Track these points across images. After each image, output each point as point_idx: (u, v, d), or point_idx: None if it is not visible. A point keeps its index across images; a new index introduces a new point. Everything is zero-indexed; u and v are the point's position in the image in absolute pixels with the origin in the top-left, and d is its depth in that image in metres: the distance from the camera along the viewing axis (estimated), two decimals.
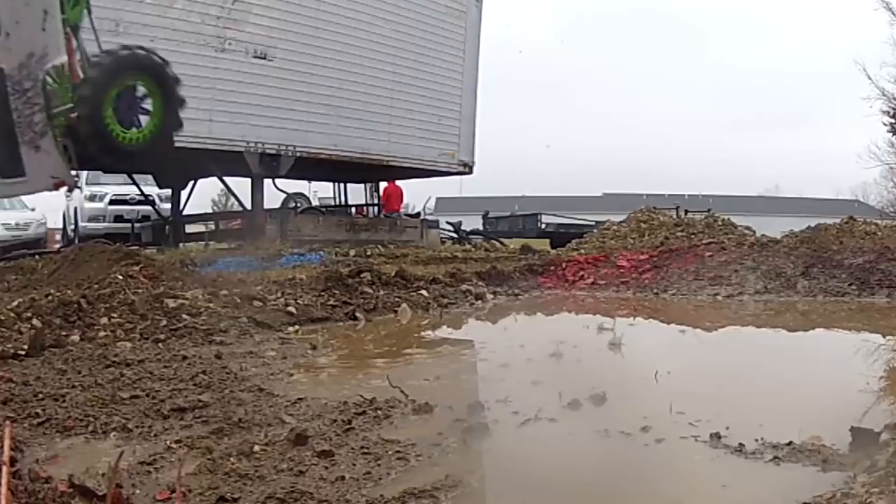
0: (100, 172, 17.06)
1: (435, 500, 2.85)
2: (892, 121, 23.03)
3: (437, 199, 30.38)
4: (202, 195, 19.17)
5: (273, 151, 13.78)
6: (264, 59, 13.53)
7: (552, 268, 11.34)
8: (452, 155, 16.72)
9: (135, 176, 16.35)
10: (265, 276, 9.11)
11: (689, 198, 35.94)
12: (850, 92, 34.03)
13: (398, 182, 18.68)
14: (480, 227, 22.08)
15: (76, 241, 15.30)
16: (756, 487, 2.93)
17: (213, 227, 17.01)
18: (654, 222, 14.81)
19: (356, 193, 18.99)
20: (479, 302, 9.10)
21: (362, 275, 9.07)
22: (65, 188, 6.18)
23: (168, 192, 16.58)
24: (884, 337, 6.57)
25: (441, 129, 16.41)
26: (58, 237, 20.34)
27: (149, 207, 16.84)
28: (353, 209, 18.77)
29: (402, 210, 19.29)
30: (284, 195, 16.92)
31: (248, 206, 14.61)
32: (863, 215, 15.42)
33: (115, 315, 6.43)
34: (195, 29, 12.66)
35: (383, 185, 18.70)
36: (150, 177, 16.52)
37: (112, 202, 17.16)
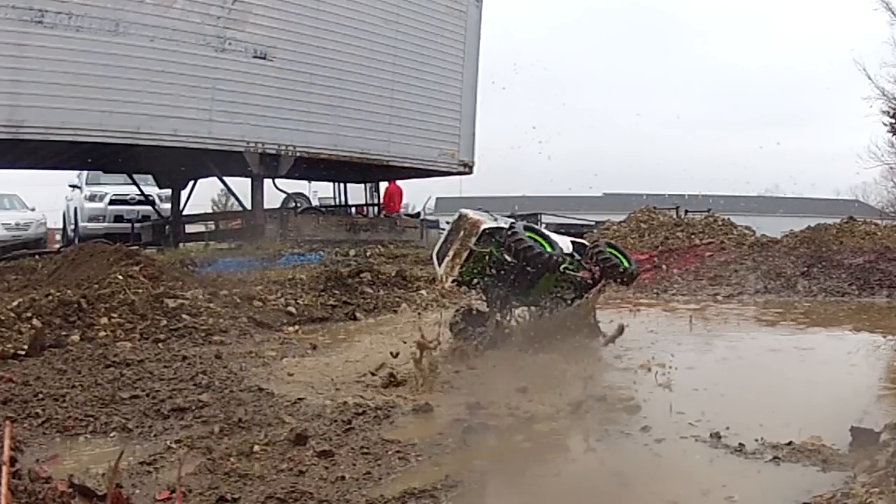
0: (100, 172, 17.07)
1: (435, 500, 2.85)
2: (892, 121, 22.97)
3: (437, 199, 30.33)
4: (202, 195, 19.13)
5: (273, 151, 13.78)
6: (264, 59, 13.53)
7: None
8: (453, 155, 16.71)
9: (135, 176, 16.36)
10: (265, 276, 9.12)
11: (689, 198, 35.84)
12: (850, 92, 33.97)
13: (398, 182, 18.67)
14: None
15: (76, 241, 15.29)
16: (756, 487, 2.93)
17: (213, 227, 17.01)
18: (654, 222, 14.79)
19: (356, 193, 18.98)
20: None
21: (362, 275, 9.08)
22: None
23: (168, 192, 16.58)
24: (884, 337, 6.56)
25: (441, 128, 16.39)
26: (58, 237, 20.33)
27: (149, 207, 16.84)
28: (353, 209, 18.76)
29: (401, 210, 19.27)
30: (284, 195, 16.91)
31: (248, 206, 14.60)
32: (863, 215, 15.41)
33: (115, 315, 6.43)
34: (195, 29, 12.65)
35: (384, 185, 18.69)
36: (150, 177, 16.53)
37: (112, 202, 17.15)
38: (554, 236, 5.68)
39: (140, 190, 16.63)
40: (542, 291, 5.49)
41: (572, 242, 5.86)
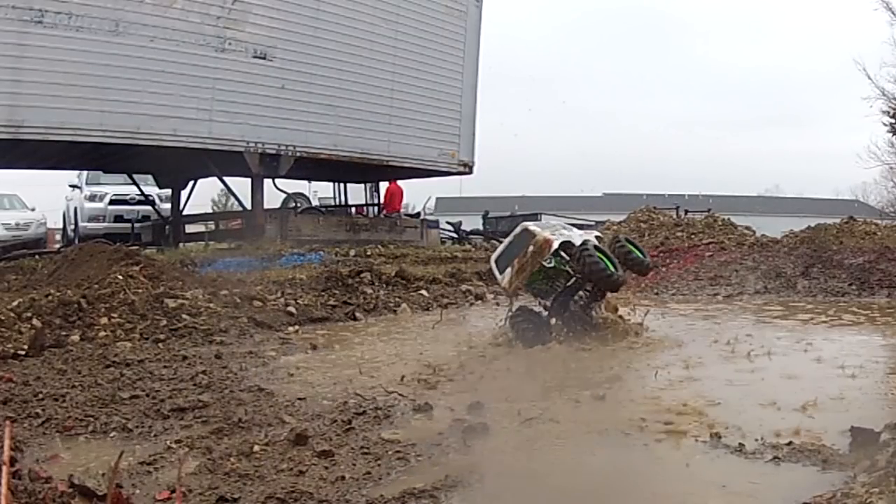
0: (100, 172, 17.08)
1: (435, 500, 2.85)
2: (892, 121, 23.01)
3: (437, 199, 30.38)
4: (202, 195, 19.16)
5: (273, 151, 13.78)
6: (264, 59, 13.53)
7: None
8: (453, 155, 16.71)
9: (135, 176, 16.37)
10: (265, 276, 9.11)
11: (689, 198, 35.94)
12: (850, 92, 34.06)
13: (399, 182, 18.67)
14: (480, 227, 22.07)
15: (76, 241, 15.29)
16: (756, 487, 2.93)
17: (213, 227, 17.02)
18: (654, 222, 14.78)
19: (356, 193, 18.99)
20: (480, 302, 9.09)
21: (362, 275, 9.08)
22: None
23: (168, 192, 16.59)
24: (884, 337, 6.57)
25: (441, 128, 16.39)
26: (58, 237, 20.35)
27: (149, 207, 16.85)
28: (353, 209, 18.77)
29: (402, 210, 19.28)
30: (284, 195, 16.92)
31: (248, 206, 14.61)
32: (863, 215, 15.40)
33: (115, 315, 6.43)
34: (195, 29, 12.65)
35: (384, 185, 18.70)
36: (150, 177, 16.54)
37: (112, 202, 17.16)
38: (567, 231, 6.14)
39: (140, 190, 16.64)
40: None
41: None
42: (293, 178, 16.31)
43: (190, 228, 16.41)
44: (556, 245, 5.74)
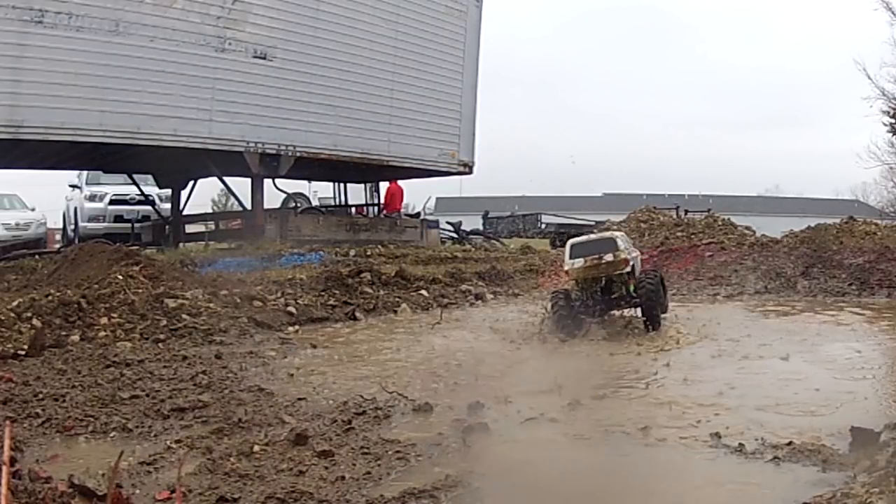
0: (100, 172, 17.05)
1: (435, 500, 2.85)
2: (892, 121, 22.97)
3: (437, 199, 30.32)
4: (202, 195, 19.09)
5: (273, 151, 13.76)
6: (264, 59, 13.50)
7: (552, 268, 11.34)
8: (453, 155, 16.69)
9: (135, 176, 16.35)
10: (265, 276, 9.11)
11: (689, 198, 35.94)
12: (850, 92, 33.93)
13: (399, 182, 18.65)
14: (480, 227, 22.07)
15: (76, 241, 15.26)
16: (756, 487, 2.93)
17: (213, 227, 16.99)
18: (654, 222, 14.77)
19: (356, 193, 18.96)
20: (479, 302, 9.10)
21: (362, 275, 9.08)
22: None
23: (168, 192, 16.56)
24: (883, 337, 6.57)
25: (441, 128, 16.36)
26: (58, 237, 20.31)
27: (149, 207, 16.82)
28: (353, 209, 18.74)
29: (402, 210, 19.24)
30: (284, 195, 16.89)
31: (248, 206, 14.58)
32: (863, 215, 15.39)
33: (115, 315, 6.43)
34: (195, 29, 12.63)
35: (384, 185, 18.68)
36: (150, 177, 16.52)
37: (112, 202, 17.11)
38: (635, 253, 7.14)
39: (140, 190, 16.61)
40: None
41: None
42: (293, 178, 16.28)
43: (190, 228, 16.37)
44: (630, 266, 6.71)
